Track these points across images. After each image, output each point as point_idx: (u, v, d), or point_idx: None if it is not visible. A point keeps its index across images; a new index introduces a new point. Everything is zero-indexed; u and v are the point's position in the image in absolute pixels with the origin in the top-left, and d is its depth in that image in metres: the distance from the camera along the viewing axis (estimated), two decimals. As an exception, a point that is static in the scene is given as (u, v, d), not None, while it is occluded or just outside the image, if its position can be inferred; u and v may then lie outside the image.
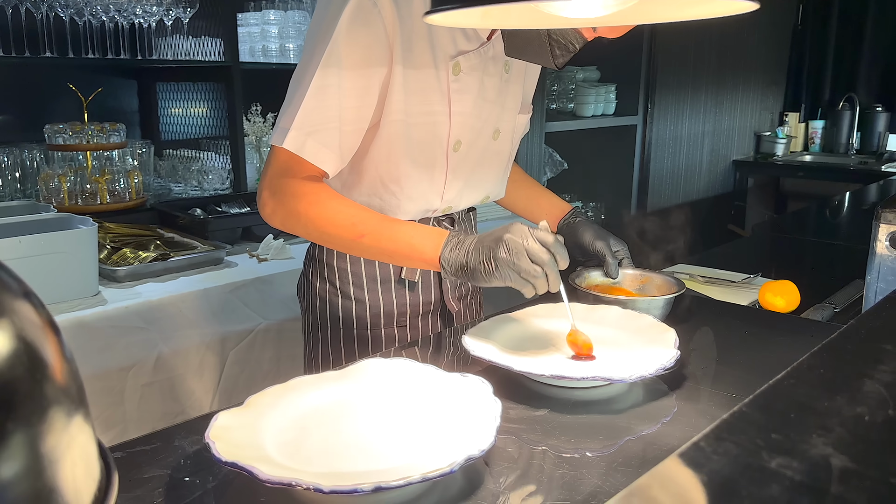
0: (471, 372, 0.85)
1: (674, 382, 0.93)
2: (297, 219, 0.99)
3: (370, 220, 0.98)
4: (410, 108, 1.03)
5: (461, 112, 1.06)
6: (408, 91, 1.01)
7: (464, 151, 1.09)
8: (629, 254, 1.23)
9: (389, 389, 0.84)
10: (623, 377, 0.85)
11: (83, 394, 0.35)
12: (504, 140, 1.17)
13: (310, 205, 0.98)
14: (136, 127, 2.50)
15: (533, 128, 2.71)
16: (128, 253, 1.69)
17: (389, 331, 1.16)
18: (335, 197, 1.00)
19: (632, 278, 1.21)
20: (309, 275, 1.20)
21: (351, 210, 0.99)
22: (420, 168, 1.07)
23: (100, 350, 1.46)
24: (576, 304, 1.10)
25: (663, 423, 0.83)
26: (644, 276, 1.21)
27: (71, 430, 0.32)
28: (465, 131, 1.08)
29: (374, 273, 1.14)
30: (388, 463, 0.70)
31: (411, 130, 1.04)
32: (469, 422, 0.74)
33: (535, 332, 1.05)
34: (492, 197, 1.22)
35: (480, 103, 1.08)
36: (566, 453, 0.75)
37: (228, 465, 0.65)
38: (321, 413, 0.80)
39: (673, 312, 1.15)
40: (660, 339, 0.97)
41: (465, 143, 1.08)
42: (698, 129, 3.66)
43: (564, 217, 1.29)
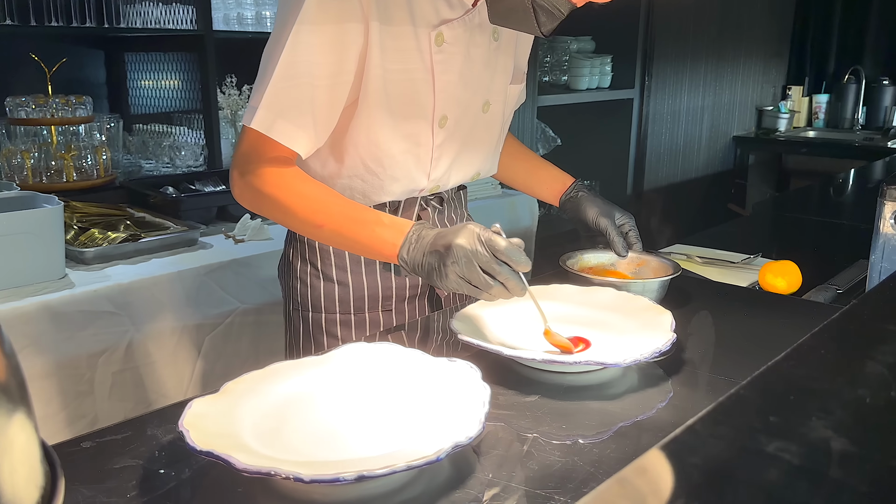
0: (459, 357, 0.85)
1: (670, 367, 0.93)
2: (264, 201, 0.99)
3: (333, 208, 0.97)
4: (392, 98, 1.01)
5: (446, 86, 1.05)
6: (388, 80, 1.00)
7: (451, 127, 1.08)
8: (636, 227, 1.23)
9: (373, 375, 0.84)
10: (617, 361, 0.86)
11: (24, 390, 0.34)
12: (495, 113, 1.16)
13: (275, 188, 0.97)
14: (103, 100, 2.47)
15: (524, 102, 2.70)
16: (96, 234, 1.67)
17: (374, 315, 1.16)
18: (302, 180, 0.98)
19: (627, 261, 1.22)
20: (289, 255, 1.19)
21: (315, 195, 0.98)
22: (404, 146, 1.06)
23: (67, 337, 1.45)
24: (568, 286, 1.11)
25: (659, 408, 0.83)
26: (640, 259, 1.21)
27: (10, 431, 0.31)
28: (450, 105, 1.07)
29: (357, 255, 1.12)
30: (371, 451, 0.70)
31: (395, 119, 1.03)
32: (457, 408, 0.75)
33: (525, 316, 1.05)
34: (483, 174, 1.21)
35: (467, 75, 1.07)
36: (558, 440, 0.76)
37: (204, 454, 0.64)
38: (301, 400, 0.80)
39: (670, 294, 1.16)
40: (656, 321, 0.98)
41: (451, 117, 1.07)
42: (697, 103, 3.66)
43: (566, 191, 1.28)
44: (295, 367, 0.85)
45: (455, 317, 0.99)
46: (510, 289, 0.86)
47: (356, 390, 0.82)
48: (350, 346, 0.89)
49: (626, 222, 1.22)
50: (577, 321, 1.02)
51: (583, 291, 1.09)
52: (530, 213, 2.55)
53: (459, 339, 0.93)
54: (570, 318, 1.03)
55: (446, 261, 0.87)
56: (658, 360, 0.93)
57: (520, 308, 1.06)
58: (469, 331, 0.95)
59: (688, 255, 1.52)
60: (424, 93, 1.04)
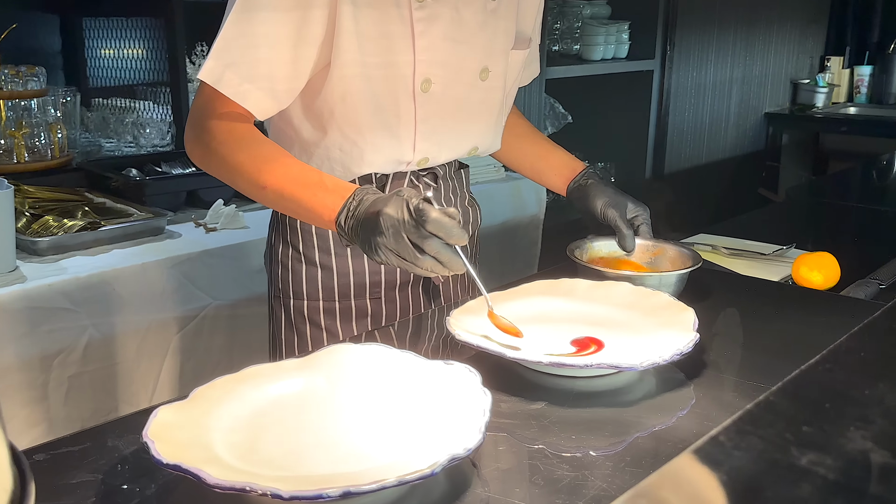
0: (456, 359, 0.85)
1: (692, 370, 0.94)
2: (212, 158, 1.01)
3: (278, 169, 0.98)
4: (367, 58, 1.02)
5: (428, 46, 1.04)
6: (361, 36, 1.00)
7: (437, 93, 1.07)
8: (649, 220, 1.23)
9: (361, 380, 0.84)
10: (633, 364, 0.86)
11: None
12: (495, 81, 1.15)
13: (223, 144, 0.99)
14: (58, 71, 2.46)
15: (531, 74, 2.69)
16: (51, 221, 1.67)
17: (361, 303, 1.16)
18: (252, 140, 1.00)
19: (643, 249, 1.22)
20: (272, 239, 1.20)
21: (263, 155, 0.99)
22: (382, 112, 1.06)
23: (18, 336, 1.45)
24: (578, 281, 1.11)
25: (679, 416, 0.84)
26: (657, 248, 1.21)
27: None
28: (435, 69, 1.06)
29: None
30: (358, 464, 0.70)
31: (371, 82, 1.03)
32: (454, 417, 0.75)
33: (531, 314, 1.05)
34: (482, 149, 1.20)
35: (457, 36, 1.07)
36: (566, 452, 0.76)
37: (171, 468, 0.64)
38: (280, 407, 0.80)
39: (691, 289, 1.16)
40: (676, 320, 0.98)
41: (437, 82, 1.07)
42: (725, 75, 3.66)
43: (575, 178, 1.28)
44: (274, 370, 0.85)
45: (452, 314, 0.99)
46: (444, 263, 0.87)
47: (342, 396, 0.82)
48: (335, 348, 0.89)
49: (639, 214, 1.22)
50: (589, 320, 1.03)
51: (594, 287, 1.09)
52: (537, 199, 2.55)
53: (457, 339, 0.93)
54: (581, 316, 1.04)
55: (374, 231, 0.87)
56: (678, 362, 0.93)
57: (524, 306, 1.06)
58: (468, 330, 0.95)
59: (713, 246, 1.52)
60: (403, 52, 1.03)
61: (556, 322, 1.03)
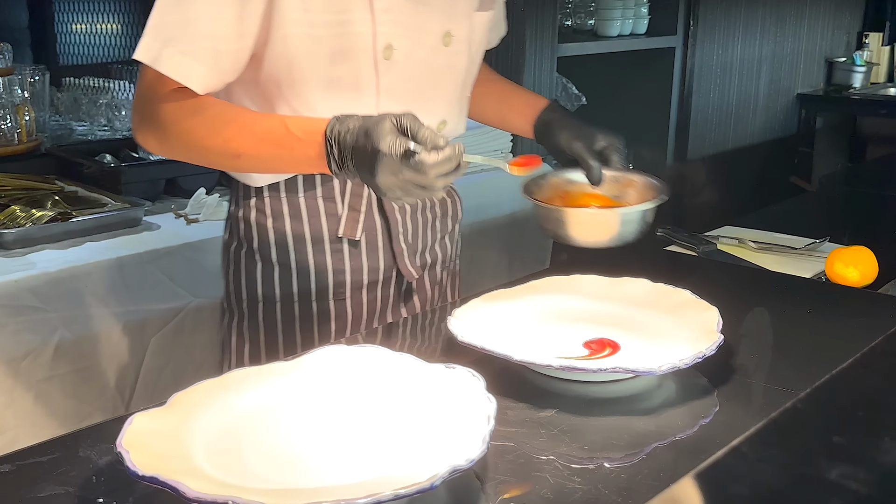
0: (458, 362, 0.85)
1: (716, 375, 0.94)
2: (169, 140, 1.02)
3: (239, 132, 0.99)
4: (314, 15, 1.00)
5: (390, 6, 1.02)
6: None
7: (400, 60, 1.06)
8: (624, 149, 1.20)
9: (355, 384, 0.84)
10: (651, 369, 0.86)
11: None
12: (459, 46, 1.12)
13: (174, 124, 1.00)
14: (25, 48, 2.46)
15: (541, 51, 2.69)
16: (17, 211, 1.67)
17: (324, 306, 1.14)
18: (204, 106, 1.00)
19: (612, 181, 1.18)
20: (226, 235, 1.19)
21: (223, 118, 1.00)
22: (338, 86, 1.04)
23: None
24: (591, 277, 1.11)
25: (701, 425, 0.84)
26: (626, 178, 1.18)
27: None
28: (398, 32, 1.04)
29: (301, 229, 1.12)
30: (351, 476, 0.70)
31: (321, 45, 1.02)
32: (455, 425, 0.75)
33: (539, 312, 1.05)
34: (451, 124, 1.17)
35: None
36: (578, 464, 0.76)
37: (147, 480, 0.65)
38: (267, 414, 0.80)
39: (715, 286, 1.15)
40: (698, 320, 0.98)
41: (400, 48, 1.05)
42: (754, 53, 3.65)
43: (538, 115, 1.25)
44: (260, 374, 0.85)
45: (454, 312, 0.99)
46: (453, 161, 0.91)
47: (333, 403, 0.82)
48: (326, 350, 0.89)
49: (610, 143, 1.19)
50: (603, 319, 1.03)
51: (610, 284, 1.09)
52: (548, 188, 2.54)
53: (459, 341, 0.93)
54: (595, 315, 1.04)
55: (380, 179, 0.90)
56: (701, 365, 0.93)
57: (533, 305, 1.06)
58: (471, 330, 0.95)
59: (740, 240, 1.52)
60: (358, 10, 1.01)
61: (567, 322, 1.03)
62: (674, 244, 1.51)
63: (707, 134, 3.48)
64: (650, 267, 1.21)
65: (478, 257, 2.40)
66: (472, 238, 2.41)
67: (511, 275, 2.50)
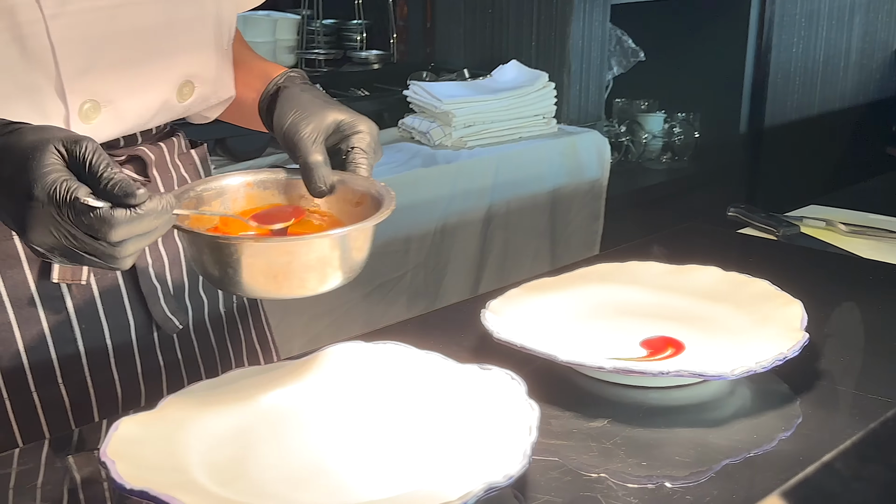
0: (494, 363, 0.85)
1: (798, 381, 0.93)
2: None
3: None
4: None
5: None
6: None
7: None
8: (374, 143, 0.93)
9: (374, 387, 0.85)
10: (722, 372, 0.86)
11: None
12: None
13: None
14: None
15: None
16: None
17: (48, 394, 0.93)
18: None
19: (347, 192, 0.90)
20: None
21: None
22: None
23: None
24: (652, 265, 1.11)
25: (781, 439, 0.83)
26: (361, 194, 0.89)
27: None
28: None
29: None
30: (370, 493, 0.70)
31: None
32: (492, 435, 0.75)
33: (589, 305, 1.05)
34: (203, 84, 0.98)
35: None
36: (635, 483, 0.76)
37: (136, 494, 0.65)
38: (274, 421, 0.81)
39: (797, 276, 1.14)
40: (779, 315, 0.97)
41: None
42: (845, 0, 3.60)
43: (270, 83, 1.00)
44: (263, 375, 0.86)
45: (489, 306, 0.99)
46: (151, 234, 0.72)
47: (351, 408, 0.83)
48: (339, 347, 0.90)
49: (353, 133, 0.91)
50: (664, 315, 1.02)
51: (673, 272, 1.09)
52: (599, 160, 2.53)
53: (495, 338, 0.93)
54: (654, 310, 1.04)
55: (28, 231, 0.71)
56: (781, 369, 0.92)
57: (582, 297, 1.06)
58: (509, 326, 0.96)
59: (827, 222, 1.51)
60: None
61: (622, 317, 1.03)
62: (749, 226, 1.50)
63: (789, 96, 3.44)
64: (721, 252, 1.21)
65: (515, 241, 2.40)
66: (508, 219, 2.42)
67: (555, 262, 2.50)
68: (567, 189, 2.47)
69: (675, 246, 1.32)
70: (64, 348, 0.92)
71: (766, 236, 1.45)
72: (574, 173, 2.47)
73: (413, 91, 2.47)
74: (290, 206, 0.89)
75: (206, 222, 0.85)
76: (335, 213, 0.90)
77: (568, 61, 2.70)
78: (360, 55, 2.93)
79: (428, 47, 3.00)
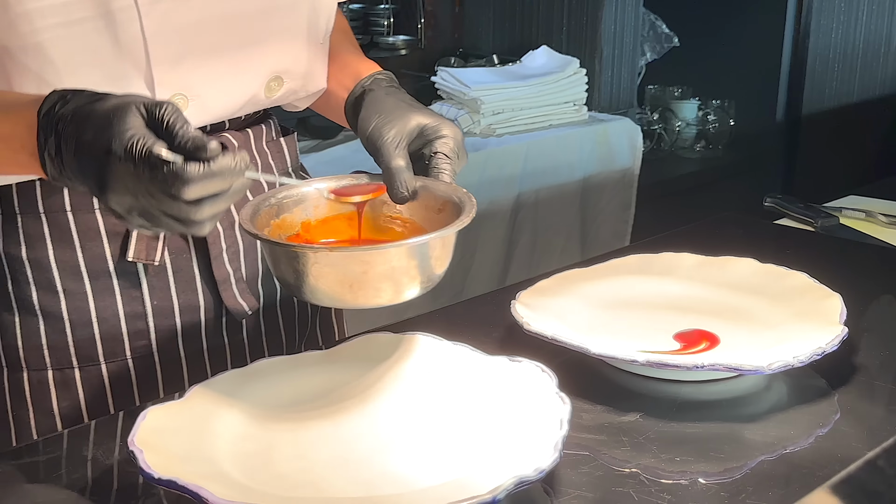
0: (524, 355, 0.85)
1: (836, 376, 0.93)
2: None
3: None
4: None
5: None
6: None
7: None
8: (459, 149, 0.94)
9: (401, 378, 0.85)
10: (758, 366, 0.85)
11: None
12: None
13: None
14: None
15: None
16: None
17: (118, 367, 0.97)
18: None
19: (430, 199, 0.91)
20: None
21: None
22: (82, 33, 0.84)
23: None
24: (686, 256, 1.10)
25: (818, 435, 0.83)
26: (444, 200, 0.90)
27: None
28: None
29: (73, 257, 0.94)
30: (397, 486, 0.71)
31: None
32: (521, 429, 0.75)
33: (621, 297, 1.05)
34: (293, 79, 1.00)
35: None
36: (668, 479, 0.76)
37: (164, 484, 0.66)
38: (301, 412, 0.82)
39: (842, 266, 1.14)
40: (817, 308, 0.97)
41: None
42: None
43: (357, 84, 1.01)
44: (291, 364, 0.87)
45: (518, 298, 0.99)
46: (232, 194, 0.71)
47: (378, 400, 0.83)
48: (369, 338, 0.90)
49: (437, 137, 0.92)
50: (700, 307, 1.02)
51: (708, 264, 1.08)
52: (630, 148, 2.53)
53: (525, 329, 0.93)
54: (688, 302, 1.03)
55: (107, 176, 0.70)
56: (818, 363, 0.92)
57: (613, 288, 1.06)
58: (540, 317, 0.96)
59: (867, 213, 1.49)
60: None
61: (655, 310, 1.02)
62: (786, 217, 1.49)
63: (827, 83, 3.41)
64: (757, 243, 1.20)
65: (545, 231, 2.40)
66: (537, 208, 2.41)
67: (585, 252, 2.49)
68: (598, 178, 2.46)
69: (709, 237, 1.31)
70: (134, 324, 0.96)
71: (803, 227, 1.44)
72: (605, 162, 2.47)
73: (441, 77, 2.48)
74: (373, 183, 0.89)
75: (286, 229, 0.88)
76: (417, 219, 0.91)
77: (599, 47, 2.69)
78: (387, 41, 2.93)
79: (456, 32, 3.00)
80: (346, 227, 0.92)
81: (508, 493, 0.65)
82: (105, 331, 0.95)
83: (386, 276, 0.79)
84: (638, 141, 2.53)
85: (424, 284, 0.82)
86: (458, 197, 0.88)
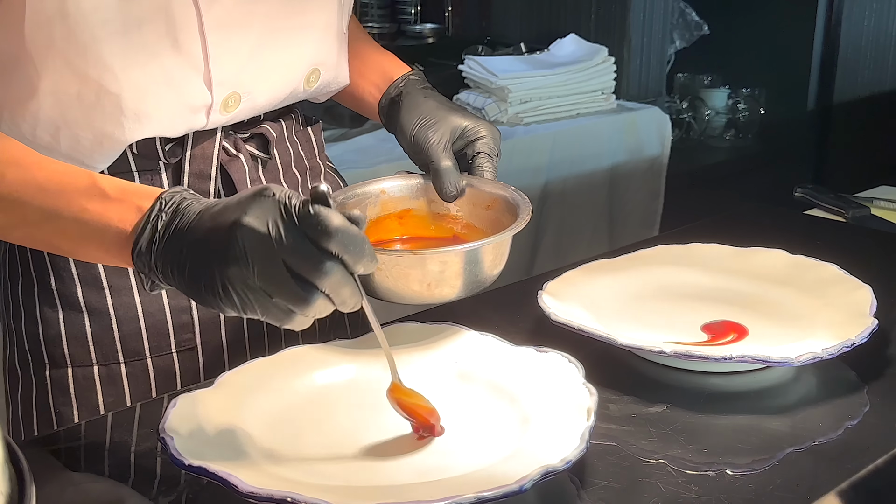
0: (550, 345, 0.86)
1: (866, 368, 0.92)
2: None
3: (25, 192, 0.77)
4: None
5: None
6: None
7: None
8: (495, 151, 1.01)
9: (429, 368, 0.86)
10: (787, 358, 0.85)
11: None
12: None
13: None
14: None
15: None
16: None
17: (163, 361, 0.97)
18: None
19: (475, 197, 0.99)
20: (5, 271, 1.00)
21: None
22: (139, 32, 0.84)
23: None
24: (715, 247, 1.10)
25: (847, 427, 0.83)
26: (493, 195, 0.98)
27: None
28: None
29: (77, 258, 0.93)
30: (426, 474, 0.72)
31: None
32: (549, 419, 0.76)
33: (648, 288, 1.05)
34: (327, 73, 1.01)
35: None
36: (694, 470, 0.76)
37: (194, 470, 0.67)
38: (329, 400, 0.82)
39: (865, 261, 1.13)
40: (847, 301, 0.96)
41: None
42: (923, -31, 3.51)
43: (391, 86, 1.06)
44: (319, 353, 0.87)
45: (545, 288, 1.00)
46: (339, 303, 0.69)
47: (404, 389, 0.84)
48: (397, 328, 0.91)
49: (480, 137, 0.99)
50: (727, 298, 1.02)
51: (736, 255, 1.08)
52: (659, 137, 2.51)
53: (551, 319, 0.93)
54: (717, 293, 1.03)
55: (222, 258, 0.67)
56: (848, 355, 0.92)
57: (641, 279, 1.06)
58: (567, 307, 0.96)
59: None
60: None
61: (683, 301, 1.02)
62: (816, 207, 1.48)
63: (859, 71, 3.37)
64: (787, 234, 1.19)
65: (572, 221, 2.40)
66: (564, 197, 2.41)
67: (612, 242, 2.49)
68: (626, 167, 2.45)
69: (738, 227, 1.30)
70: (179, 317, 0.97)
71: (834, 218, 1.43)
72: (633, 151, 2.46)
73: (468, 66, 2.47)
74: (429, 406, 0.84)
75: None
76: (465, 215, 1.00)
77: (628, 35, 2.67)
78: (414, 28, 2.93)
79: (483, 20, 2.99)
80: (398, 225, 1.00)
81: (535, 483, 0.66)
82: (151, 325, 0.96)
83: (459, 274, 0.87)
84: (667, 130, 2.52)
85: (490, 280, 0.91)
86: (508, 194, 0.96)
